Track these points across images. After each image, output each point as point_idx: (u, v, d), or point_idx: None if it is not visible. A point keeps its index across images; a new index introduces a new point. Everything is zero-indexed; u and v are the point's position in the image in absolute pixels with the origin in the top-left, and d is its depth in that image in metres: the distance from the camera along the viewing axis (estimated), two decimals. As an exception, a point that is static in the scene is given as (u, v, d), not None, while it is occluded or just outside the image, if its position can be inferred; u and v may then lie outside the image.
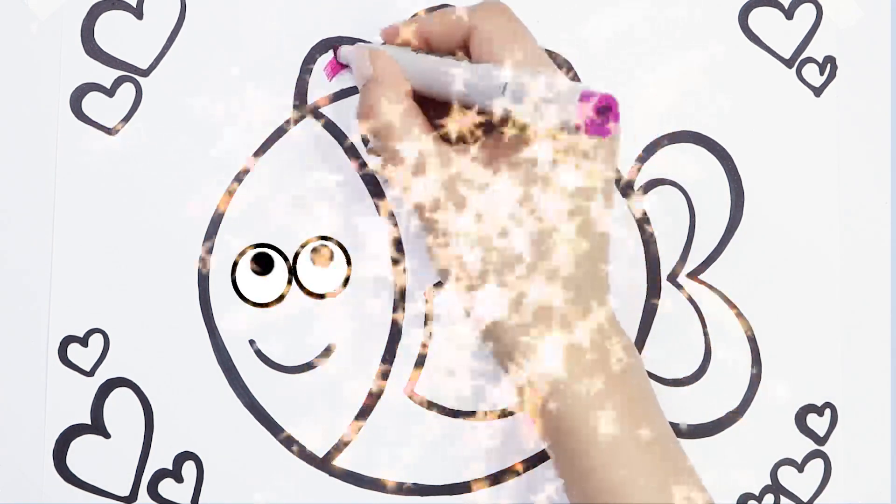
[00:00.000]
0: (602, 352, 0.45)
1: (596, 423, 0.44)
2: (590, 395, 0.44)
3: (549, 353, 0.44)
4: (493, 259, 0.44)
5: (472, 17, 0.47)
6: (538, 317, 0.44)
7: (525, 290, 0.44)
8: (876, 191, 0.54)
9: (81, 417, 0.52)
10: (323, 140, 0.53)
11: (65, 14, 0.53)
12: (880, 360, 0.53)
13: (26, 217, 0.52)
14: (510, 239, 0.44)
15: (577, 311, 0.45)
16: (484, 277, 0.44)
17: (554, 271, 0.44)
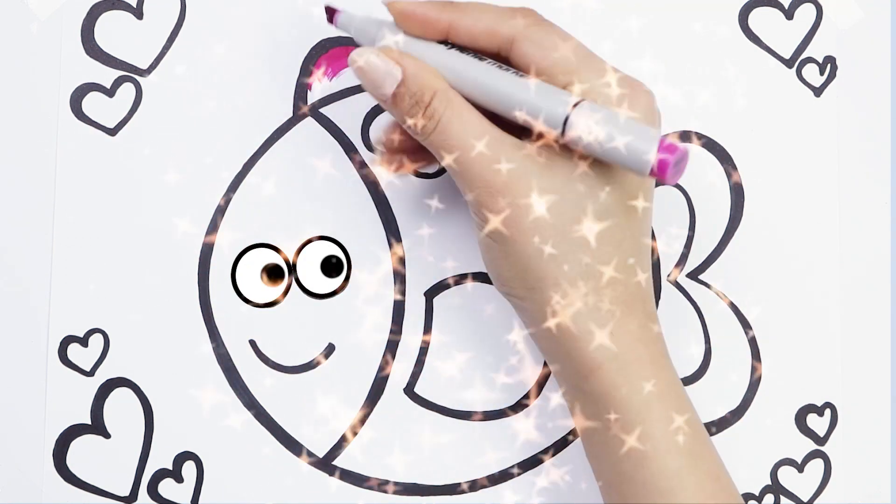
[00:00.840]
0: (661, 343, 0.46)
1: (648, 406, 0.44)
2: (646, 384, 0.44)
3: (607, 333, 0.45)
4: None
5: (510, 25, 0.45)
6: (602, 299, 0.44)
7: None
8: (876, 191, 0.54)
9: (81, 417, 0.52)
10: (323, 140, 0.53)
11: (65, 14, 0.53)
12: (880, 360, 0.53)
13: (26, 217, 0.52)
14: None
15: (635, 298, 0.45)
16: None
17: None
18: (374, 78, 0.45)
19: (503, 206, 0.43)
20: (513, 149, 0.44)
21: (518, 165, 0.43)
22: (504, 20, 0.45)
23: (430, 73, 0.45)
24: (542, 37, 0.44)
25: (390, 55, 0.45)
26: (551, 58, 0.44)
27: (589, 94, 0.44)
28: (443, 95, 0.44)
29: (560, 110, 0.42)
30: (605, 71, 0.44)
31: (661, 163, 0.41)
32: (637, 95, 0.44)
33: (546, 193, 0.43)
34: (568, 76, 0.44)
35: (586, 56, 0.44)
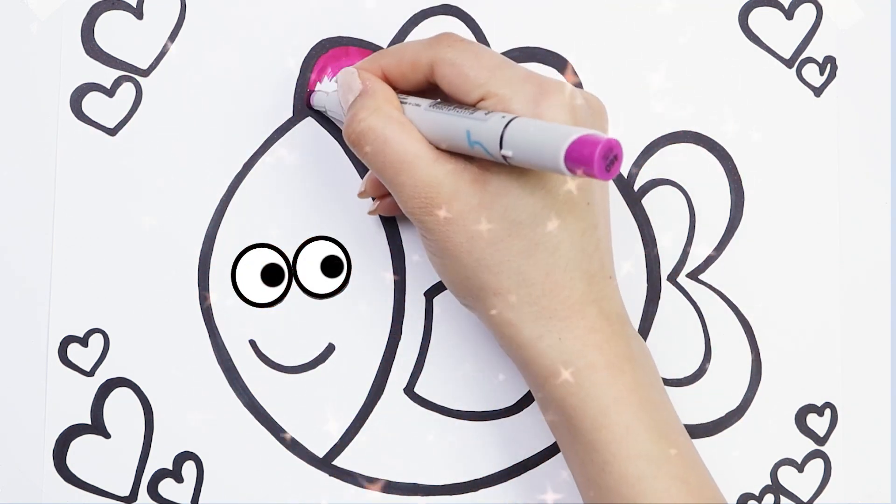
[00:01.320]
0: (622, 345, 0.45)
1: (615, 413, 0.44)
2: (611, 387, 0.44)
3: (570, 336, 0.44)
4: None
5: (429, 52, 0.45)
6: (552, 310, 0.44)
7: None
8: (876, 191, 0.54)
9: (81, 417, 0.52)
10: (323, 140, 0.53)
11: (65, 14, 0.53)
12: (880, 360, 0.53)
13: (26, 217, 0.52)
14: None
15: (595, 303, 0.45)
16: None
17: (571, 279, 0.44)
18: (342, 90, 0.47)
19: (436, 223, 0.44)
20: (445, 170, 0.44)
21: (450, 185, 0.44)
22: (422, 49, 0.45)
23: (381, 95, 0.46)
24: (455, 56, 0.45)
25: (361, 75, 0.47)
26: (463, 73, 0.44)
27: (502, 105, 0.43)
28: (384, 115, 0.45)
29: (495, 128, 0.42)
30: (515, 78, 0.44)
31: (580, 159, 0.38)
32: (548, 98, 0.43)
33: (477, 209, 0.43)
34: (480, 90, 0.44)
35: (496, 67, 0.44)
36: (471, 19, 0.54)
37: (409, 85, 0.47)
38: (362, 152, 0.45)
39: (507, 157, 0.41)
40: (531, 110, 0.43)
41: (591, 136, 0.38)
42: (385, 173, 0.45)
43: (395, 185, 0.45)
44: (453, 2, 0.54)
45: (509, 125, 0.41)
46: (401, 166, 0.44)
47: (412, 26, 0.53)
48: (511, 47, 0.53)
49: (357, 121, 0.45)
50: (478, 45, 0.45)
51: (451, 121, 0.44)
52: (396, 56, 0.46)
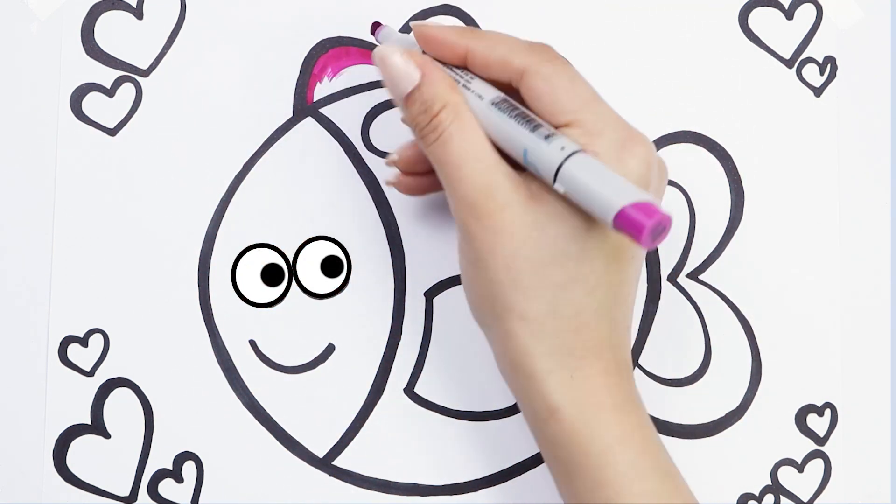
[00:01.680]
0: (629, 389, 0.45)
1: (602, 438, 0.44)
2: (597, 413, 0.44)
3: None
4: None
5: (524, 58, 0.44)
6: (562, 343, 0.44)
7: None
8: (876, 191, 0.54)
9: (81, 417, 0.52)
10: (323, 140, 0.53)
11: (65, 14, 0.53)
12: (880, 360, 0.53)
13: (26, 217, 0.52)
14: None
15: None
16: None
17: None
18: (394, 76, 0.45)
19: (482, 230, 0.43)
20: (504, 178, 0.43)
21: (505, 195, 0.43)
22: (518, 53, 0.44)
23: (445, 84, 0.44)
24: (551, 73, 0.44)
25: (414, 58, 0.45)
26: (556, 95, 0.43)
27: (586, 139, 0.43)
28: (452, 109, 0.44)
29: (555, 158, 0.41)
30: (607, 117, 0.43)
31: (631, 224, 0.38)
32: (634, 146, 0.43)
33: (527, 228, 0.43)
34: (568, 116, 0.43)
35: (591, 100, 0.43)
36: (471, 19, 0.54)
37: (485, 75, 0.45)
38: (426, 140, 0.44)
39: (558, 178, 0.41)
40: (615, 153, 0.42)
41: (650, 204, 0.38)
42: (443, 167, 0.44)
43: (451, 180, 0.43)
44: (453, 2, 0.54)
45: (570, 159, 0.41)
46: (461, 164, 0.43)
47: (412, 26, 0.53)
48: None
49: (431, 104, 0.44)
50: (574, 71, 0.44)
51: (511, 129, 0.43)
52: (489, 44, 0.45)
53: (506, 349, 0.45)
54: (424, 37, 0.46)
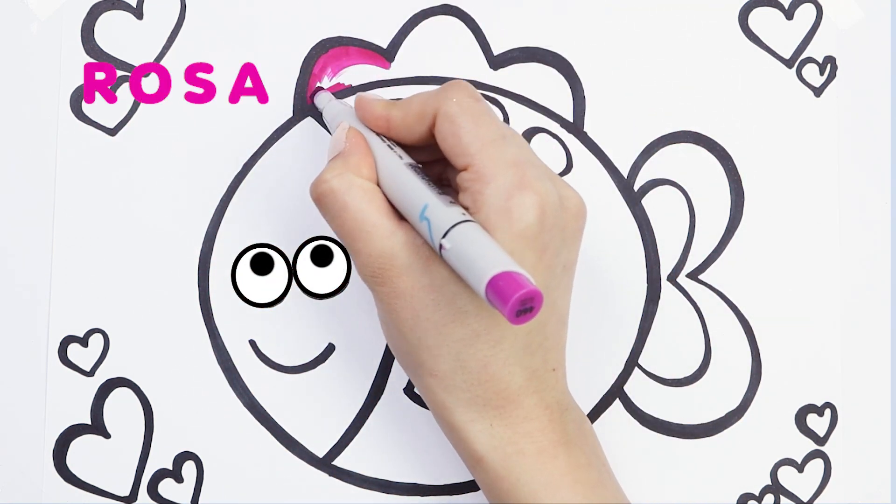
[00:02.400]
0: (557, 432, 0.45)
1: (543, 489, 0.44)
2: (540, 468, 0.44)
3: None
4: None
5: (435, 101, 0.44)
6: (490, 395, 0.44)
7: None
8: (876, 191, 0.54)
9: (81, 417, 0.52)
10: (323, 140, 0.53)
11: (65, 14, 0.53)
12: (880, 360, 0.53)
13: (26, 217, 0.52)
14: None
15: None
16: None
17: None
18: (332, 140, 0.47)
19: (385, 295, 0.44)
20: (402, 244, 0.43)
21: (403, 261, 0.43)
22: (429, 100, 0.45)
23: (354, 158, 0.45)
24: (456, 114, 0.44)
25: (350, 132, 0.46)
26: (458, 136, 0.43)
27: (479, 185, 0.42)
28: (347, 179, 0.44)
29: (445, 222, 0.41)
30: (502, 162, 0.42)
31: (497, 295, 0.38)
32: (523, 194, 0.42)
33: (426, 290, 0.43)
34: (466, 160, 0.43)
35: (490, 143, 0.43)
36: (471, 19, 0.54)
37: (414, 137, 0.46)
38: (323, 214, 0.45)
39: (442, 250, 0.41)
40: (502, 202, 0.42)
41: (518, 277, 0.38)
42: (343, 238, 0.45)
43: (351, 250, 0.44)
44: (453, 2, 0.54)
45: (461, 224, 0.41)
46: (357, 234, 0.44)
47: (412, 26, 0.53)
48: (511, 47, 0.54)
49: (320, 181, 0.45)
50: (483, 109, 0.44)
51: (416, 187, 0.43)
52: (404, 107, 0.46)
53: (428, 402, 0.46)
54: (357, 106, 0.47)
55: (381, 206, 0.44)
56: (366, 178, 0.45)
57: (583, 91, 0.54)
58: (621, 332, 0.53)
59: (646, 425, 0.53)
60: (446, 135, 0.44)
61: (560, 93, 0.53)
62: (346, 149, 0.46)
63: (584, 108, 0.54)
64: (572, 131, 0.53)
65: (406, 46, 0.53)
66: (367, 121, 0.47)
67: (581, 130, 0.53)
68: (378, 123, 0.46)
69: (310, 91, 0.53)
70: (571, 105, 0.54)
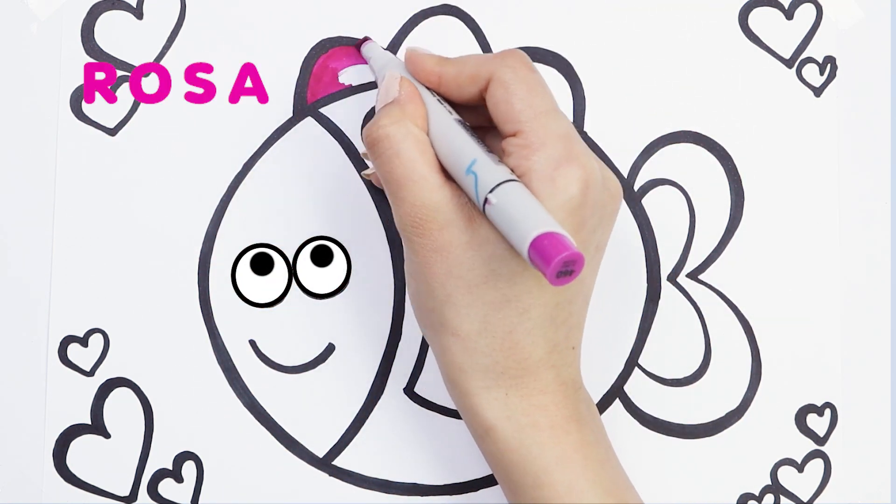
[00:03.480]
0: (570, 408, 0.45)
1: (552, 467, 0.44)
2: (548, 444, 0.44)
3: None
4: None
5: (490, 65, 0.45)
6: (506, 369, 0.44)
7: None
8: (876, 191, 0.54)
9: (81, 417, 0.52)
10: (323, 140, 0.53)
11: (65, 14, 0.53)
12: (880, 360, 0.53)
13: (26, 217, 0.52)
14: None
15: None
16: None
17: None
18: (382, 88, 0.47)
19: (422, 247, 0.44)
20: (446, 198, 0.43)
21: (445, 215, 0.43)
22: (485, 63, 0.45)
23: (409, 107, 0.45)
24: (511, 80, 0.44)
25: (404, 82, 0.46)
26: (510, 103, 0.44)
27: (526, 151, 0.43)
28: (403, 128, 0.44)
29: (493, 179, 0.41)
30: (553, 133, 0.43)
31: (541, 255, 0.38)
32: (569, 166, 0.42)
33: (463, 248, 0.43)
34: (516, 126, 0.43)
35: (542, 113, 0.43)
36: (471, 19, 0.54)
37: (464, 97, 0.46)
38: (374, 158, 0.45)
39: (487, 205, 0.41)
40: (549, 171, 0.42)
41: (562, 238, 0.38)
42: (389, 185, 0.44)
43: (395, 198, 0.44)
44: (453, 2, 0.54)
45: (508, 183, 0.41)
46: (405, 182, 0.44)
47: (412, 26, 0.53)
48: (511, 47, 0.53)
49: (377, 126, 0.44)
50: (537, 80, 0.44)
51: (466, 141, 0.43)
52: (458, 66, 0.46)
53: (443, 363, 0.46)
54: (410, 59, 0.47)
55: (432, 160, 0.44)
56: (420, 128, 0.45)
57: (583, 91, 0.54)
58: (621, 332, 0.53)
59: (646, 425, 0.53)
60: (499, 100, 0.44)
61: (560, 93, 0.53)
62: (401, 97, 0.46)
63: (584, 108, 0.54)
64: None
65: (406, 46, 0.53)
66: (418, 74, 0.46)
67: (581, 130, 0.53)
68: (430, 79, 0.46)
69: (360, 41, 0.52)
70: (571, 105, 0.54)
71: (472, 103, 0.46)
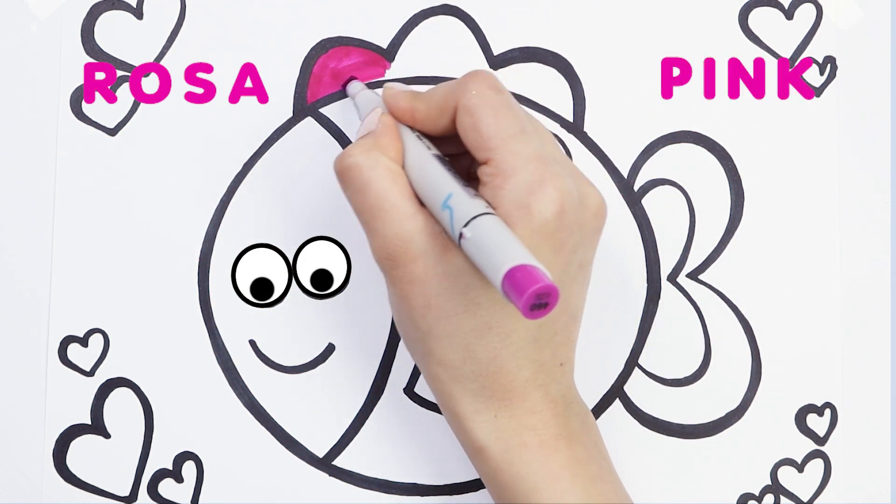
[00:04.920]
0: (560, 426, 0.45)
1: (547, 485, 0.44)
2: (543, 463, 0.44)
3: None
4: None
5: (455, 93, 0.44)
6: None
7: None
8: (876, 191, 0.54)
9: (81, 417, 0.52)
10: (323, 140, 0.53)
11: (65, 14, 0.53)
12: (880, 360, 0.53)
13: (26, 217, 0.52)
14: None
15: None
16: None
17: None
18: (364, 123, 0.47)
19: (398, 279, 0.43)
20: (420, 228, 0.43)
21: (419, 245, 0.43)
22: (451, 93, 0.44)
23: (384, 138, 0.45)
24: (476, 106, 0.43)
25: (383, 118, 0.46)
26: (478, 130, 0.43)
27: (499, 179, 0.42)
28: (374, 158, 0.44)
29: (468, 213, 0.41)
30: (523, 157, 0.42)
31: (513, 288, 0.38)
32: (543, 190, 0.42)
33: (439, 278, 0.43)
34: (486, 153, 0.43)
35: (511, 137, 0.43)
36: (471, 19, 0.54)
37: (439, 129, 0.45)
38: (344, 189, 0.45)
39: (462, 239, 0.41)
40: (522, 197, 0.42)
41: (535, 271, 0.37)
42: (361, 216, 0.44)
43: (369, 229, 0.44)
44: (453, 2, 0.54)
45: (483, 216, 0.40)
46: (377, 213, 0.43)
47: (412, 26, 0.53)
48: (511, 47, 0.54)
49: (346, 155, 0.44)
50: (503, 101, 0.44)
51: (442, 176, 0.43)
52: (427, 99, 0.45)
53: (433, 389, 0.46)
54: (385, 97, 0.47)
55: (404, 189, 0.44)
56: (392, 159, 0.44)
57: (583, 91, 0.54)
58: (621, 332, 0.53)
59: (646, 425, 0.53)
60: (467, 128, 0.43)
61: (560, 93, 0.53)
62: (377, 130, 0.45)
63: (584, 108, 0.54)
64: (572, 131, 0.53)
65: (406, 46, 0.53)
66: (394, 112, 0.46)
67: (581, 130, 0.53)
68: (404, 116, 0.46)
69: (347, 80, 0.52)
70: (571, 105, 0.54)
71: (449, 134, 0.45)
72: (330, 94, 0.53)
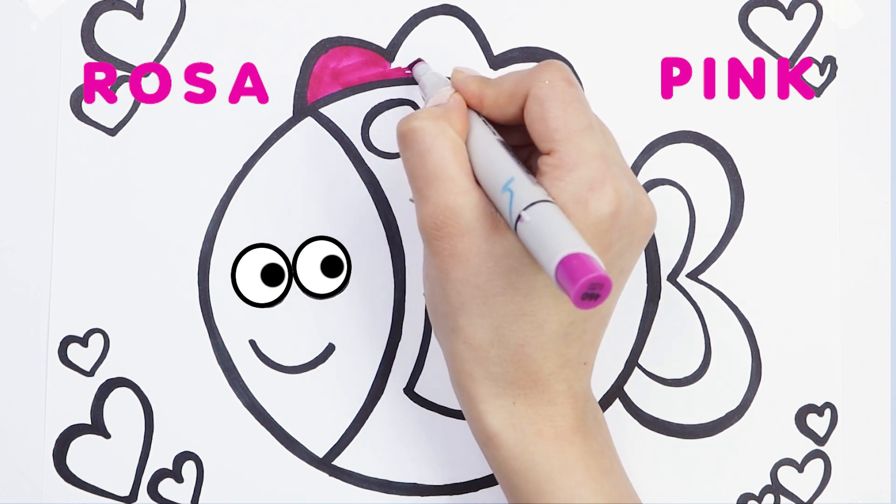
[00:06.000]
0: (576, 419, 0.45)
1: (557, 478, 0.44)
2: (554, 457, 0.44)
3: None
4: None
5: (527, 82, 0.44)
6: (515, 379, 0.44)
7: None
8: (876, 191, 0.54)
9: (81, 417, 0.52)
10: (323, 140, 0.53)
11: (65, 14, 0.53)
12: (880, 360, 0.53)
13: (26, 217, 0.52)
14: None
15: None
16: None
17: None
18: (435, 96, 0.46)
19: (441, 251, 0.43)
20: (472, 204, 0.43)
21: (468, 221, 0.43)
22: (522, 81, 0.44)
23: (453, 113, 0.45)
24: (546, 97, 0.43)
25: (455, 96, 0.46)
26: (546, 121, 0.43)
27: (560, 171, 0.42)
28: (441, 127, 0.44)
29: (527, 197, 0.41)
30: (587, 153, 0.42)
31: (566, 276, 0.37)
32: (602, 188, 0.42)
33: (483, 257, 0.42)
34: (550, 145, 0.43)
35: (577, 131, 0.43)
36: (471, 19, 0.54)
37: (506, 117, 0.45)
38: (403, 150, 0.44)
39: (519, 222, 0.40)
40: (581, 192, 0.42)
41: (591, 261, 0.37)
42: (416, 181, 0.44)
43: (420, 196, 0.43)
44: (453, 2, 0.54)
45: (542, 203, 0.40)
46: (432, 181, 0.43)
47: (412, 26, 0.53)
48: (511, 47, 0.54)
49: (414, 117, 0.44)
50: (574, 95, 0.43)
51: (504, 160, 0.43)
52: (497, 86, 0.45)
53: (452, 368, 0.45)
54: (454, 81, 0.47)
55: (464, 164, 0.43)
56: (458, 133, 0.44)
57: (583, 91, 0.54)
58: (621, 332, 0.53)
59: (646, 425, 0.53)
60: (534, 118, 0.43)
61: (560, 93, 0.53)
62: (448, 103, 0.45)
63: (584, 108, 0.53)
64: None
65: (406, 46, 0.53)
66: (462, 96, 0.46)
67: (581, 130, 0.53)
68: (472, 100, 0.46)
69: (413, 62, 0.52)
70: (571, 105, 0.53)
71: (515, 122, 0.45)
72: (330, 94, 0.53)
